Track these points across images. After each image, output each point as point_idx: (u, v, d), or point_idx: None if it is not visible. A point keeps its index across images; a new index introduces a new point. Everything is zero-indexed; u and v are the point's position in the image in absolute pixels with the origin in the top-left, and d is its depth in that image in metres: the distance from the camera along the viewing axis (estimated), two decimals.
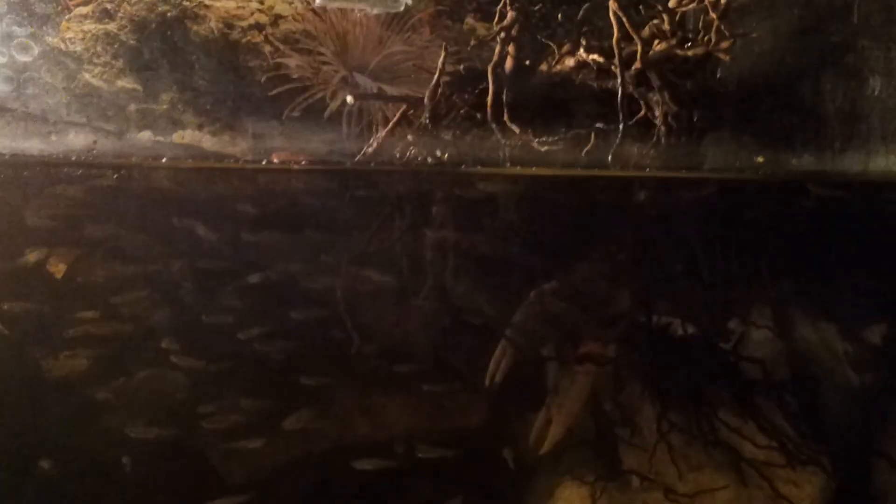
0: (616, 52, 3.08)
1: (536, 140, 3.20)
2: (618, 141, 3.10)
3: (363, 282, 3.57)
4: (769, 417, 3.39)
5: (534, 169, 3.19)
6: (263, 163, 3.31)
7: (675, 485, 3.43)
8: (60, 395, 3.56)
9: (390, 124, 3.37)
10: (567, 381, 3.58)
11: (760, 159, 3.16)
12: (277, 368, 3.49)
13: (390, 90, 3.39)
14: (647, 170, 3.10)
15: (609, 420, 3.52)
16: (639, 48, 3.06)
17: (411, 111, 3.34)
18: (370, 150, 3.34)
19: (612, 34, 3.08)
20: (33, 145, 3.18)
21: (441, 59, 3.18)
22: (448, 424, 3.74)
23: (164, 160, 3.29)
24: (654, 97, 3.18)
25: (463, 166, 3.27)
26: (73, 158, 3.19)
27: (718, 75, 3.28)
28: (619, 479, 3.52)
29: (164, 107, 3.31)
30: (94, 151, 3.21)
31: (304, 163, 3.35)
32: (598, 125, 3.21)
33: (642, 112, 3.17)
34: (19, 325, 3.54)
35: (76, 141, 3.22)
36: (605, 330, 3.58)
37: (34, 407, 3.57)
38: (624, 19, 3.04)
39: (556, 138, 3.22)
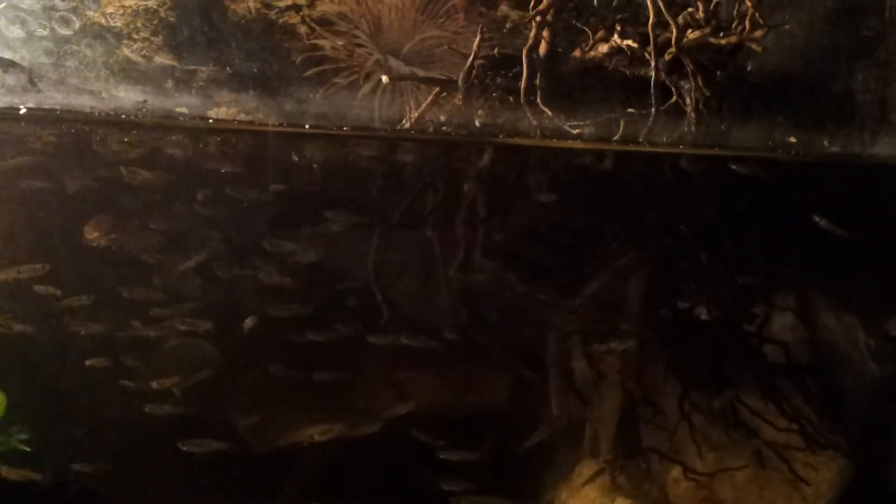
0: (651, 37, 3.13)
1: (568, 123, 3.25)
2: (649, 124, 3.15)
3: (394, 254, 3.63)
4: (790, 400, 3.42)
5: (569, 142, 3.24)
6: (306, 127, 3.37)
7: (694, 464, 3.49)
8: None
9: (422, 106, 3.42)
10: (596, 396, 3.66)
11: (792, 139, 3.21)
12: (305, 339, 3.54)
13: (423, 74, 3.44)
14: (681, 147, 3.15)
15: (631, 399, 3.56)
16: (674, 33, 3.10)
17: (444, 94, 3.40)
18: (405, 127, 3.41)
19: (647, 21, 3.14)
20: (84, 102, 3.23)
21: (476, 42, 3.24)
22: (473, 401, 3.78)
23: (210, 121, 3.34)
24: (686, 85, 3.23)
25: (501, 136, 3.32)
26: (123, 117, 3.25)
27: (749, 68, 3.33)
28: (638, 457, 3.57)
29: (200, 84, 3.36)
30: (144, 110, 3.26)
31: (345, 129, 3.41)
32: (630, 110, 3.26)
33: (673, 98, 3.22)
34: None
35: (126, 98, 3.27)
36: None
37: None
38: (660, 3, 3.08)
39: (587, 122, 3.27)
